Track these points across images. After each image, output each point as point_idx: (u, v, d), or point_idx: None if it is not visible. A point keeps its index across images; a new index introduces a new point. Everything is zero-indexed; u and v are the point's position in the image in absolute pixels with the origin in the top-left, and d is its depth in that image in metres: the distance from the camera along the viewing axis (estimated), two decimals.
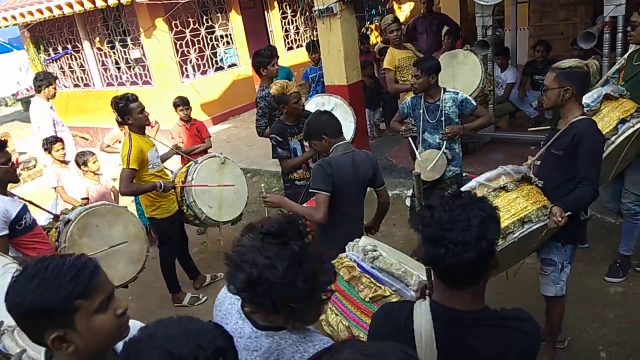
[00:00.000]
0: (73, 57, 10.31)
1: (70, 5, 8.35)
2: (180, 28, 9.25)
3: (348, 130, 4.51)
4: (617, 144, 2.96)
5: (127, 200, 5.16)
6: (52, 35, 10.36)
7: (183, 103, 5.28)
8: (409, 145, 4.23)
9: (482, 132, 5.00)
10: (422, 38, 7.07)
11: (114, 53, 9.67)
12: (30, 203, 3.25)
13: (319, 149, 2.98)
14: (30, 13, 9.05)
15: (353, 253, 2.31)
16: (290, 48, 11.72)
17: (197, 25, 9.55)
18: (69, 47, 10.18)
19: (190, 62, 9.59)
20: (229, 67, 10.40)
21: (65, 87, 10.71)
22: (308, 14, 11.74)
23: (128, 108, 3.72)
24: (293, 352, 1.38)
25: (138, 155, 3.71)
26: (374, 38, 11.73)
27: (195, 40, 9.57)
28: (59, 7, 8.53)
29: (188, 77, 9.60)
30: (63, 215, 3.42)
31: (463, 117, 3.87)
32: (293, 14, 11.75)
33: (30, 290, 1.18)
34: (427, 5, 7.12)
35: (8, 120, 14.97)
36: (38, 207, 3.57)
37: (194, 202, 4.13)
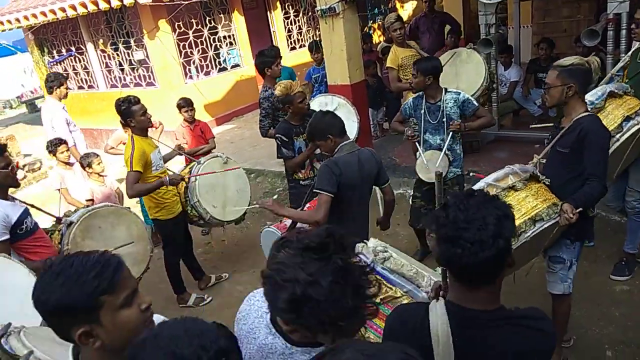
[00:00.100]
0: (77, 59, 10.36)
1: (74, 8, 8.38)
2: (184, 29, 9.27)
3: (351, 130, 4.51)
4: (621, 142, 2.96)
5: (131, 202, 5.17)
6: (56, 38, 10.40)
7: (187, 104, 5.29)
8: (413, 145, 4.23)
9: (486, 130, 4.99)
10: (424, 37, 7.07)
11: (118, 55, 9.71)
12: (32, 206, 3.21)
13: (324, 149, 2.97)
14: (34, 16, 9.09)
15: (363, 254, 2.31)
16: (293, 48, 11.72)
17: (200, 26, 9.57)
18: (73, 49, 10.23)
19: (194, 63, 9.61)
20: (232, 67, 10.41)
21: (69, 89, 10.70)
22: (310, 14, 11.73)
23: (130, 110, 3.73)
24: None
25: (141, 158, 3.72)
26: (377, 37, 11.74)
27: (199, 41, 9.59)
28: (63, 9, 8.57)
29: (191, 78, 9.62)
30: (65, 218, 3.39)
31: (464, 117, 3.85)
32: (296, 14, 11.75)
33: (56, 288, 1.20)
34: (429, 4, 7.11)
35: (13, 123, 15.06)
36: (40, 210, 3.53)
37: (199, 202, 4.15)
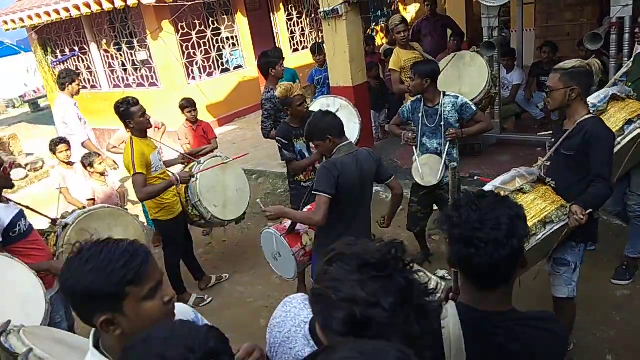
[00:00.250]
0: (80, 59, 10.39)
1: (78, 8, 8.40)
2: (187, 30, 9.28)
3: (353, 132, 4.51)
4: (623, 145, 2.95)
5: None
6: (59, 38, 10.44)
7: (190, 105, 5.30)
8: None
9: (488, 133, 4.98)
10: (426, 40, 7.07)
11: (121, 55, 9.73)
12: (27, 208, 3.15)
13: (322, 150, 2.96)
14: (38, 15, 9.11)
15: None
16: (296, 50, 11.73)
17: (203, 27, 9.58)
18: (76, 49, 10.25)
19: (197, 63, 9.63)
20: (235, 68, 10.42)
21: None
22: (313, 16, 11.73)
23: (129, 112, 3.70)
24: None
25: (141, 159, 3.71)
26: (380, 39, 11.73)
27: (202, 42, 9.61)
28: (67, 9, 8.59)
29: (194, 78, 9.63)
30: (60, 220, 3.30)
31: (463, 121, 3.83)
32: (298, 16, 11.76)
33: (84, 275, 1.21)
34: (431, 8, 7.12)
35: (15, 122, 15.08)
36: (35, 211, 3.42)
37: (200, 201, 4.15)
